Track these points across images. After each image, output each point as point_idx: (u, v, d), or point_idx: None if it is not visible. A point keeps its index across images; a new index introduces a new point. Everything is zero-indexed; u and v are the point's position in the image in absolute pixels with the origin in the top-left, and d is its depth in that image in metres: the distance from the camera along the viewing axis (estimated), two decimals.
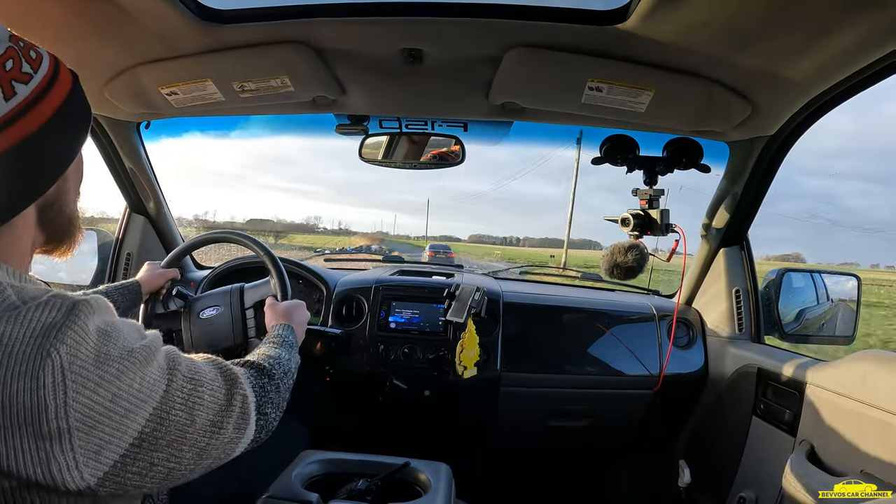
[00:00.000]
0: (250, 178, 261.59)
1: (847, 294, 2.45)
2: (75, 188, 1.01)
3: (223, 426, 0.97)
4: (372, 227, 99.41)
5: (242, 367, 1.17)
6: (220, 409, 0.97)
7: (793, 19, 1.35)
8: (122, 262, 2.61)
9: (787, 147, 2.03)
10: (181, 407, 0.88)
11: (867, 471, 1.48)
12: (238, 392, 1.03)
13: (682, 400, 2.53)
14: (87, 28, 1.55)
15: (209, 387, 0.96)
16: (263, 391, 1.15)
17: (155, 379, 0.85)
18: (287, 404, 1.25)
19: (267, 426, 1.15)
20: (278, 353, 1.34)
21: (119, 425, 0.78)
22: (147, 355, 0.84)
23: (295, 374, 1.38)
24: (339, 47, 1.70)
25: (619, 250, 2.08)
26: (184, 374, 0.91)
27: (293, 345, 1.47)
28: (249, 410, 1.05)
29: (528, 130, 2.35)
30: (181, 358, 0.94)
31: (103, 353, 0.78)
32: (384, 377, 2.34)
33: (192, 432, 0.90)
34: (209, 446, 0.94)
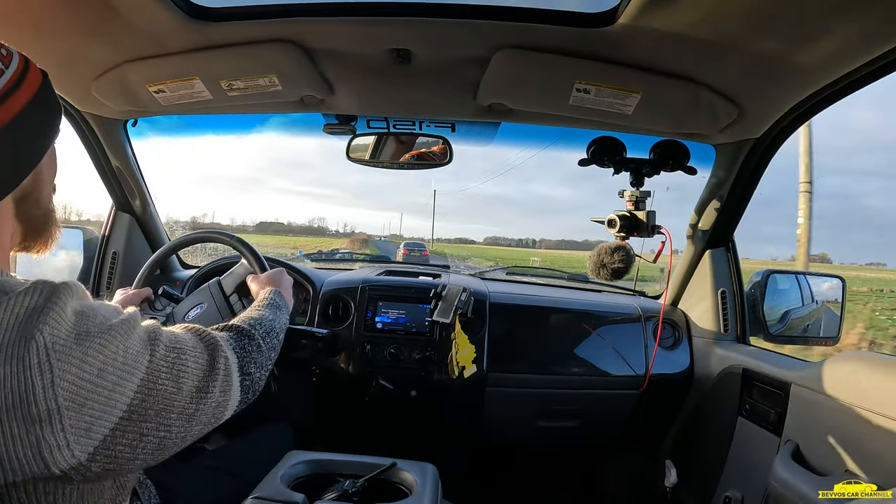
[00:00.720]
0: (267, 182, 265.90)
1: (832, 296, 2.47)
2: (49, 181, 1.02)
3: (209, 391, 0.99)
4: (381, 229, 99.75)
5: (222, 332, 1.18)
6: (204, 375, 0.99)
7: (779, 24, 1.36)
8: (108, 261, 2.59)
9: (774, 150, 2.04)
10: (167, 375, 0.89)
11: (852, 470, 1.50)
12: (220, 355, 1.05)
13: (667, 400, 2.54)
14: (75, 24, 1.54)
15: (192, 354, 0.97)
16: (245, 352, 1.17)
17: (138, 350, 0.85)
18: (272, 404, 1.25)
19: (253, 386, 1.17)
20: (261, 314, 1.36)
21: (108, 399, 0.79)
22: (127, 328, 0.85)
23: (281, 336, 1.40)
24: (328, 47, 1.70)
25: (606, 251, 2.09)
26: (166, 344, 0.92)
27: (279, 306, 1.49)
28: (232, 372, 1.07)
29: (516, 131, 2.35)
30: (161, 329, 0.95)
31: (83, 330, 0.78)
32: (371, 377, 2.33)
33: (179, 400, 0.91)
34: (198, 412, 0.96)
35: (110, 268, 2.59)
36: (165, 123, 2.40)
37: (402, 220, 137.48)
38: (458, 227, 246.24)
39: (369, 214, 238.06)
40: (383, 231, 78.39)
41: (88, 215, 10.69)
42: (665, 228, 2.10)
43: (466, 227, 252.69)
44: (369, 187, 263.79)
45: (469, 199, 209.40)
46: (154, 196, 2.66)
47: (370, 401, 2.35)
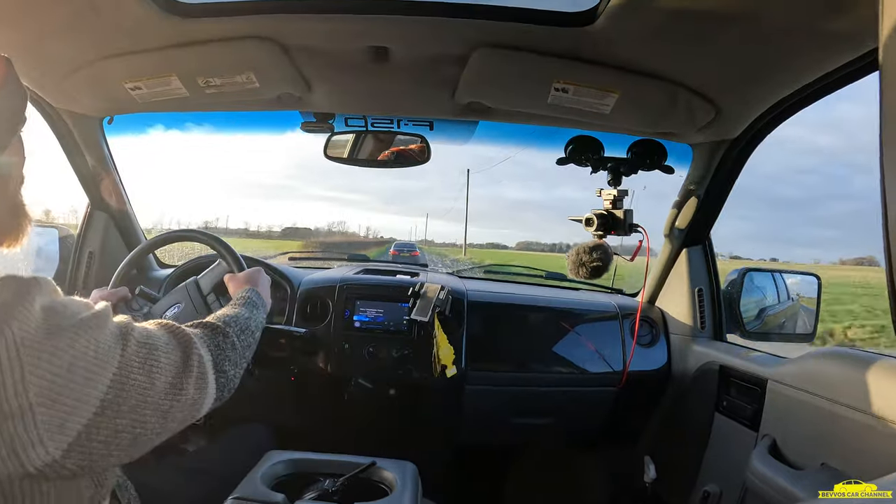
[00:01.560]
0: (300, 189, 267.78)
1: (807, 293, 2.50)
2: (16, 175, 0.99)
3: (183, 387, 0.98)
4: (408, 234, 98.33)
5: (196, 329, 1.17)
6: (178, 371, 0.98)
7: (757, 25, 1.38)
8: (84, 261, 2.55)
9: (750, 150, 2.07)
10: (139, 370, 0.88)
11: (828, 464, 1.52)
12: (194, 352, 1.04)
13: (645, 397, 2.56)
14: (50, 19, 1.52)
15: (164, 350, 0.96)
16: (219, 349, 1.16)
17: (109, 345, 0.84)
18: (251, 404, 1.25)
19: (228, 384, 1.16)
20: (236, 312, 1.35)
21: (80, 395, 0.78)
22: (98, 322, 0.84)
23: (257, 334, 1.39)
24: (306, 44, 1.69)
25: (584, 250, 2.10)
26: (138, 339, 0.91)
27: (256, 304, 1.48)
28: (206, 370, 1.06)
29: (494, 130, 2.35)
30: (133, 325, 0.94)
31: (53, 324, 0.77)
32: (349, 376, 2.33)
33: (153, 395, 0.90)
34: (172, 408, 0.95)
35: (86, 267, 2.56)
36: (142, 121, 2.38)
37: (429, 225, 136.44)
38: (492, 233, 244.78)
39: (398, 220, 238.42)
40: (410, 236, 77.91)
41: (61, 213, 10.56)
42: (642, 227, 2.11)
43: (499, 233, 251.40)
44: (398, 192, 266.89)
45: (498, 204, 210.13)
46: (130, 194, 2.63)
47: (349, 400, 2.35)
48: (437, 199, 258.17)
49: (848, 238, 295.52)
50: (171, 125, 2.50)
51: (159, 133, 2.55)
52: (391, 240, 48.36)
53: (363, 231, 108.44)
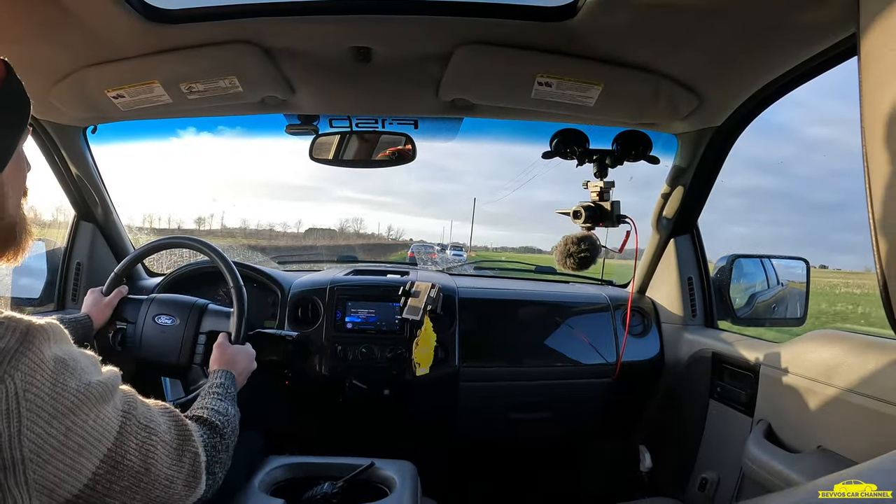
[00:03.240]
0: (329, 191, 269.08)
1: (796, 277, 2.51)
2: (15, 192, 0.95)
3: (173, 481, 0.95)
4: (438, 237, 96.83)
5: (196, 424, 1.14)
6: (171, 463, 0.95)
7: (736, 15, 1.38)
8: (73, 272, 2.54)
9: (734, 137, 2.08)
10: (135, 453, 0.86)
11: (824, 446, 1.53)
12: (189, 449, 1.01)
13: (639, 387, 2.57)
14: (29, 29, 1.51)
15: (162, 438, 0.94)
16: (215, 451, 1.13)
17: (110, 419, 0.82)
18: (246, 409, 1.24)
19: (214, 485, 1.12)
20: (226, 409, 1.31)
21: (73, 462, 0.76)
22: (104, 393, 0.82)
23: (237, 432, 1.33)
24: (288, 46, 1.69)
25: (572, 241, 2.10)
26: (138, 421, 0.89)
27: (234, 397, 1.43)
28: (200, 470, 1.02)
29: (479, 126, 2.36)
30: (137, 402, 0.92)
31: (60, 383, 0.75)
32: (343, 378, 2.32)
33: (146, 482, 0.88)
34: (159, 500, 0.92)
35: (74, 279, 2.55)
36: (126, 128, 2.36)
37: (458, 228, 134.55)
38: (525, 237, 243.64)
39: (430, 223, 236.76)
40: (440, 238, 76.86)
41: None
42: (630, 217, 2.12)
43: (533, 237, 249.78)
44: (429, 195, 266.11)
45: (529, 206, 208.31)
46: (116, 203, 2.61)
47: (344, 402, 2.34)
48: (469, 203, 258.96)
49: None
50: (155, 131, 2.48)
51: (143, 140, 2.54)
52: (420, 242, 48.08)
53: (389, 233, 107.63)
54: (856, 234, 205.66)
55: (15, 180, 0.95)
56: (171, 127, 2.50)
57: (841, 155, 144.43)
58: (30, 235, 1.00)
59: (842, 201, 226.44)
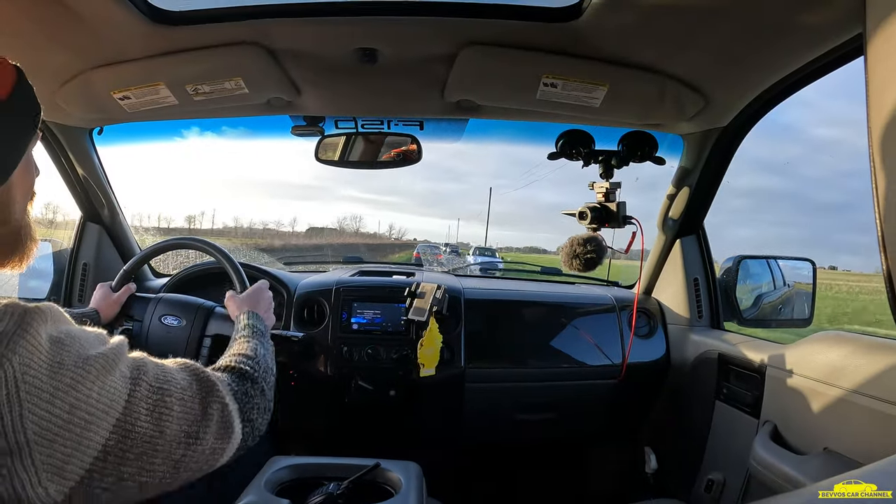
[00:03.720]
0: (333, 190, 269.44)
1: (802, 278, 2.50)
2: (22, 197, 0.95)
3: (200, 437, 0.93)
4: (444, 237, 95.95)
5: (223, 373, 1.13)
6: (194, 420, 0.93)
7: (742, 15, 1.38)
8: (79, 273, 2.55)
9: (740, 138, 2.08)
10: (146, 418, 0.84)
11: (830, 448, 1.52)
12: (215, 400, 0.99)
13: (645, 388, 2.56)
14: (36, 32, 1.51)
15: (179, 396, 0.91)
16: (247, 397, 1.11)
17: (116, 388, 0.81)
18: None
19: (254, 432, 1.12)
20: (254, 350, 1.30)
21: (80, 438, 0.75)
22: (106, 363, 0.81)
23: (274, 367, 1.35)
24: (293, 48, 1.69)
25: (578, 242, 2.10)
26: (150, 384, 0.87)
27: (264, 332, 1.44)
28: (232, 419, 1.01)
29: (484, 127, 2.35)
30: (149, 365, 0.90)
31: (57, 362, 0.74)
32: (349, 379, 2.32)
33: (162, 444, 0.86)
34: (186, 458, 0.90)
35: (81, 280, 2.55)
36: (132, 129, 2.37)
37: (463, 228, 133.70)
38: (531, 237, 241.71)
39: (434, 222, 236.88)
40: (445, 238, 76.20)
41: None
42: (636, 218, 2.12)
43: (539, 237, 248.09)
44: (434, 195, 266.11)
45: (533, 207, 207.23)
46: (123, 205, 2.62)
47: (350, 402, 2.34)
48: (474, 202, 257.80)
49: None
50: (161, 133, 2.49)
51: (149, 141, 2.55)
52: (424, 242, 47.81)
53: (391, 232, 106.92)
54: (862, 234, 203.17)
55: (23, 184, 0.94)
56: (176, 128, 2.50)
57: (848, 155, 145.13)
58: (34, 242, 1.00)
59: (848, 202, 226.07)
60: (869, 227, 0.80)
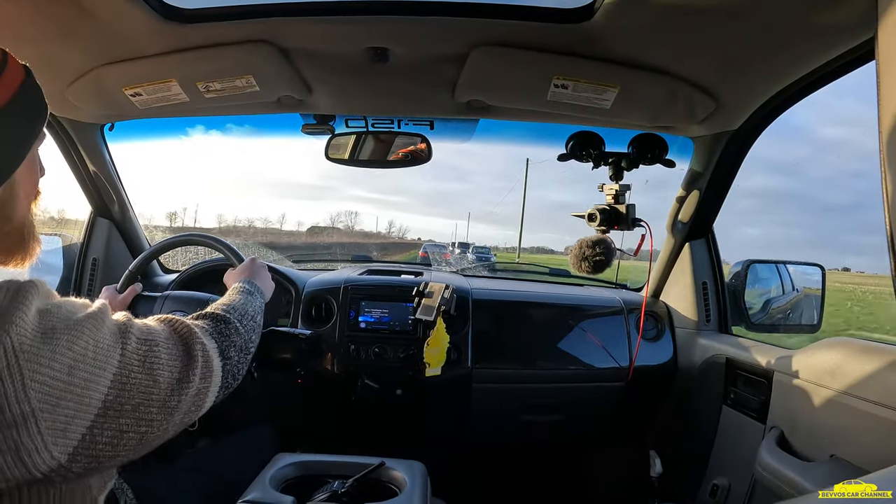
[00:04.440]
0: (340, 190, 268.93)
1: (811, 284, 2.49)
2: (26, 195, 0.96)
3: (189, 380, 0.96)
4: (449, 237, 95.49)
5: (197, 320, 1.15)
6: (182, 365, 0.96)
7: (754, 18, 1.37)
8: (88, 268, 2.56)
9: (751, 141, 2.06)
10: (139, 369, 0.86)
11: (837, 455, 1.51)
12: (196, 342, 1.01)
13: (652, 391, 2.56)
14: (48, 28, 1.52)
15: (165, 345, 0.94)
16: (222, 336, 1.14)
17: (109, 344, 0.83)
18: (258, 407, 1.24)
19: (233, 370, 1.14)
20: (231, 300, 1.33)
21: (82, 397, 0.77)
22: (95, 322, 0.82)
23: (258, 318, 1.37)
24: (305, 46, 1.69)
25: (587, 244, 2.10)
26: (137, 337, 0.89)
27: (251, 292, 1.45)
28: (211, 357, 1.04)
29: (495, 128, 2.35)
30: (133, 321, 0.93)
31: (48, 328, 0.75)
32: (356, 377, 2.33)
33: (157, 393, 0.88)
34: (179, 403, 0.93)
35: (91, 274, 2.56)
36: (143, 126, 2.38)
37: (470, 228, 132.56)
38: (538, 237, 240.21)
39: (439, 222, 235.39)
40: (451, 238, 76.16)
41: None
42: (645, 221, 2.11)
43: (546, 237, 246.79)
44: (440, 195, 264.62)
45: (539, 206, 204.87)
46: (133, 201, 2.63)
47: (356, 401, 2.34)
48: (479, 202, 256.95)
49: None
50: (172, 129, 2.50)
51: (160, 138, 2.56)
52: (429, 241, 47.52)
53: (391, 230, 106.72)
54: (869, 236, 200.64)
55: (26, 183, 0.95)
56: (186, 125, 2.51)
57: (855, 156, 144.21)
58: (38, 242, 1.01)
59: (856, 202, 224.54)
60: (876, 228, 0.80)
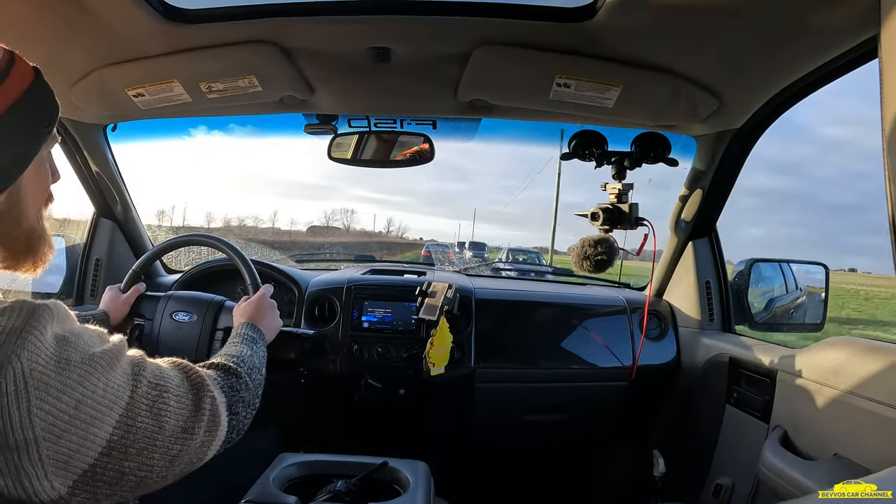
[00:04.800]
0: (342, 190, 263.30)
1: (815, 283, 2.49)
2: (35, 200, 0.94)
3: (194, 431, 0.94)
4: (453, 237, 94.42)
5: (209, 370, 1.14)
6: (189, 415, 0.94)
7: (756, 16, 1.37)
8: (91, 268, 2.56)
9: (754, 140, 2.06)
10: (146, 414, 0.85)
11: (840, 454, 1.51)
12: (206, 395, 1.00)
13: (655, 391, 2.56)
14: (51, 29, 1.53)
15: (175, 392, 0.92)
16: (233, 390, 1.12)
17: (119, 385, 0.82)
18: (261, 407, 1.24)
19: (238, 425, 1.12)
20: (240, 351, 1.30)
21: (86, 433, 0.76)
22: (110, 360, 0.81)
23: (263, 370, 1.34)
24: (307, 46, 1.69)
25: (589, 243, 2.10)
26: (149, 381, 0.88)
27: (255, 340, 1.43)
28: (219, 412, 1.02)
29: (498, 127, 2.35)
30: (146, 363, 0.91)
31: (63, 358, 0.75)
32: (359, 377, 2.32)
33: (161, 440, 0.87)
34: (181, 453, 0.92)
35: (94, 275, 2.57)
36: (146, 126, 2.38)
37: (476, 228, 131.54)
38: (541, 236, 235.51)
39: (443, 222, 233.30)
40: (455, 238, 75.66)
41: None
42: (648, 220, 2.11)
43: (546, 236, 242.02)
44: (440, 195, 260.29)
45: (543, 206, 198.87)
46: (136, 201, 2.63)
47: (359, 400, 2.34)
48: (482, 202, 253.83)
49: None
50: (174, 130, 2.50)
51: (163, 138, 2.56)
52: (432, 241, 47.34)
53: (402, 232, 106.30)
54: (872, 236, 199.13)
55: (34, 189, 0.93)
56: (189, 126, 2.52)
57: (858, 156, 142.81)
58: (50, 248, 0.99)
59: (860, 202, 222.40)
60: (878, 229, 0.80)
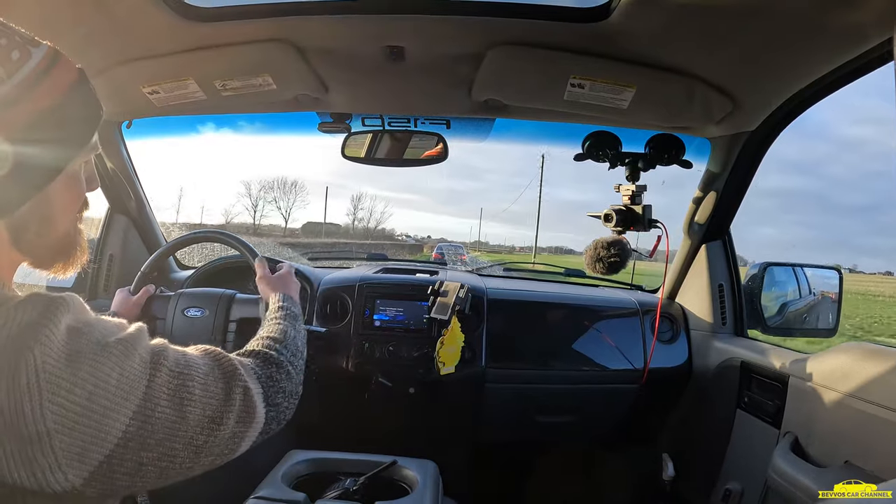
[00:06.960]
0: (352, 188, 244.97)
1: (829, 288, 2.47)
2: (64, 212, 0.92)
3: (223, 422, 0.92)
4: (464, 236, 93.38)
5: (247, 358, 1.12)
6: (217, 405, 0.92)
7: (772, 18, 1.37)
8: (105, 264, 2.57)
9: (769, 142, 2.05)
10: (167, 403, 0.84)
11: (851, 461, 1.50)
12: (237, 384, 0.97)
13: (666, 394, 2.55)
14: (68, 26, 1.54)
15: (201, 381, 0.90)
16: (272, 380, 1.10)
17: (136, 373, 0.81)
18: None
19: (279, 416, 1.11)
20: (283, 331, 1.28)
21: (99, 425, 0.75)
22: (125, 349, 0.80)
23: (305, 352, 1.32)
24: (322, 45, 1.70)
25: (602, 245, 2.09)
26: (170, 369, 0.86)
27: (297, 316, 1.41)
28: (255, 403, 1.00)
29: (511, 127, 2.35)
30: (169, 351, 0.89)
31: (74, 350, 0.74)
32: (369, 375, 2.33)
33: (184, 429, 0.86)
34: (208, 443, 0.90)
35: (107, 271, 2.58)
36: (161, 124, 2.39)
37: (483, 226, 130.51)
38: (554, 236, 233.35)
39: (452, 221, 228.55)
40: (467, 238, 74.82)
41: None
42: (661, 222, 2.10)
43: (561, 236, 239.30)
44: (452, 193, 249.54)
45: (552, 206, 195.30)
46: (150, 198, 2.64)
47: (369, 398, 2.35)
48: (491, 201, 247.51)
49: None
50: (189, 127, 2.51)
51: (177, 135, 2.57)
52: (441, 240, 47.16)
53: (412, 232, 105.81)
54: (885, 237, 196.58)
55: (63, 199, 0.91)
56: (204, 122, 2.52)
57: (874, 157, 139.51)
58: (83, 252, 0.98)
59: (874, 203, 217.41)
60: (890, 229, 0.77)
